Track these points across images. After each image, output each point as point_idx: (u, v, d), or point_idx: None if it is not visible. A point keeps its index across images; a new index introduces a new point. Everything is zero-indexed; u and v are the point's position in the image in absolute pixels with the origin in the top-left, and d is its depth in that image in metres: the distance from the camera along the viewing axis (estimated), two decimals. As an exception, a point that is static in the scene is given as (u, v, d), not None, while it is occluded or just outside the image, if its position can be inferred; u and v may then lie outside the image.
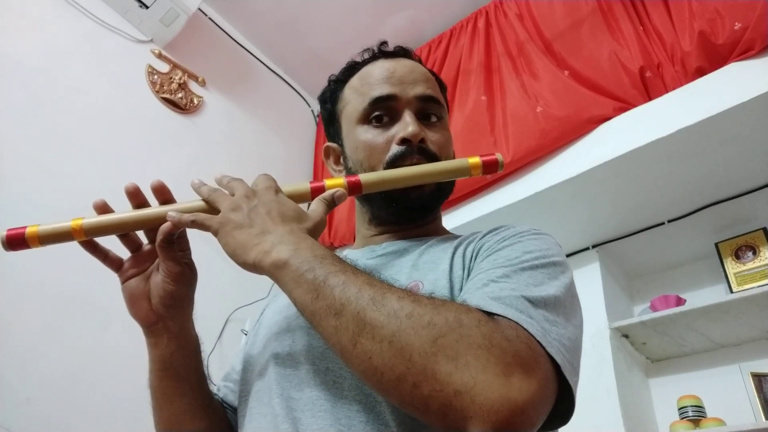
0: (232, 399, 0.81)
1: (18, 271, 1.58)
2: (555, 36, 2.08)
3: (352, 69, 0.88)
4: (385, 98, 0.80)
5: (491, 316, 0.51)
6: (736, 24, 1.62)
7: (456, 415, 0.45)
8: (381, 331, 0.48)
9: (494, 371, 0.46)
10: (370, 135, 0.79)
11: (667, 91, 1.77)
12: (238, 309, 2.12)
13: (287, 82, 2.80)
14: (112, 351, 1.67)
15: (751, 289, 1.73)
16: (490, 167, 0.76)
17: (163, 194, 0.68)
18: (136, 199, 0.67)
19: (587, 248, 2.13)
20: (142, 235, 0.69)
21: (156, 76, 2.24)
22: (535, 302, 0.54)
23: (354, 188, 0.71)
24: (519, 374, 0.46)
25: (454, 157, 0.84)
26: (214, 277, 1.99)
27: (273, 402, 0.64)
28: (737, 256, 1.89)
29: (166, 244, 0.65)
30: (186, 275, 0.68)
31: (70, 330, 1.66)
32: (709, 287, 2.02)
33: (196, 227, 0.63)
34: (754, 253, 1.86)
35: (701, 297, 1.95)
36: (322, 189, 0.69)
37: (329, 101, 0.89)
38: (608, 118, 1.85)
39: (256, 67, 2.69)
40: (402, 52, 0.87)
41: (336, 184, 0.69)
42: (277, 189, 0.65)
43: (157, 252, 0.66)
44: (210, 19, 2.51)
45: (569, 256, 2.13)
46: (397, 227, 0.82)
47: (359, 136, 0.80)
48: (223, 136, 2.43)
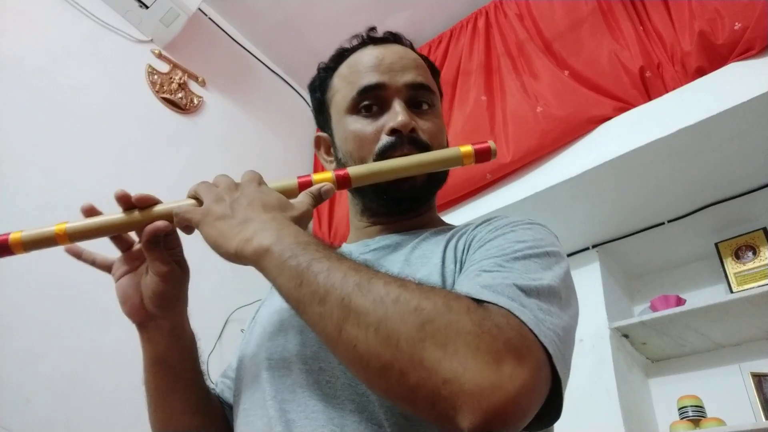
0: (229, 396, 0.81)
1: (18, 272, 1.58)
2: (555, 36, 2.08)
3: (340, 56, 0.85)
4: (374, 87, 0.77)
5: (481, 303, 0.50)
6: (736, 24, 1.62)
7: (445, 404, 0.43)
8: (366, 317, 0.47)
9: (484, 358, 0.44)
10: (359, 125, 0.77)
11: (667, 91, 1.77)
12: (238, 309, 2.12)
13: (287, 82, 2.80)
14: (112, 351, 1.67)
15: (751, 289, 1.73)
16: (482, 155, 0.73)
17: (145, 201, 0.64)
18: (126, 204, 0.65)
19: (587, 248, 2.13)
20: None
21: (156, 76, 2.24)
22: (527, 291, 0.52)
23: (342, 182, 0.69)
24: (510, 361, 0.44)
25: (447, 145, 0.81)
26: (214, 277, 2.00)
27: (267, 404, 0.63)
28: (737, 256, 1.89)
29: (152, 245, 0.63)
30: (176, 274, 0.66)
31: (70, 330, 1.66)
32: (709, 287, 2.02)
33: (178, 222, 0.62)
34: (754, 253, 1.86)
35: (701, 297, 1.95)
36: (309, 183, 0.67)
37: (318, 90, 0.87)
38: (608, 118, 1.85)
39: (256, 67, 2.69)
40: (392, 38, 0.85)
41: (324, 178, 0.68)
42: (261, 182, 0.64)
43: None
44: (210, 19, 2.51)
45: (569, 256, 2.13)
46: (389, 219, 0.80)
47: (348, 127, 0.78)
48: (223, 136, 2.43)
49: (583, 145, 1.87)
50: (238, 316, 2.12)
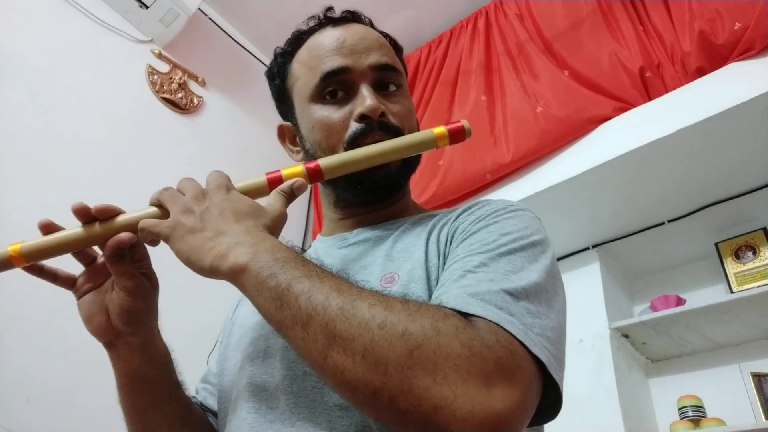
0: (212, 402, 0.78)
1: (18, 271, 1.58)
2: (555, 36, 2.08)
3: (298, 39, 0.80)
4: (337, 71, 0.73)
5: (469, 318, 0.48)
6: (736, 24, 1.62)
7: (437, 430, 0.43)
8: (352, 344, 0.45)
9: (475, 383, 0.43)
10: (326, 113, 0.73)
11: (667, 91, 1.77)
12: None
13: (287, 82, 2.80)
14: (112, 351, 1.67)
15: (751, 289, 1.73)
16: (456, 136, 0.69)
17: (106, 212, 0.61)
18: (85, 216, 0.61)
19: (587, 248, 2.13)
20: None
21: (156, 76, 2.24)
22: (515, 294, 0.51)
23: (314, 175, 0.65)
24: (501, 383, 0.44)
25: (418, 126, 0.78)
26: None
27: (249, 416, 0.61)
28: (737, 256, 1.89)
29: (116, 259, 0.60)
30: (143, 288, 0.63)
31: (70, 330, 1.65)
32: (709, 287, 2.02)
33: (144, 237, 0.59)
34: (754, 253, 1.86)
35: (701, 297, 1.95)
36: (279, 180, 0.64)
37: (277, 77, 0.82)
38: (608, 118, 1.85)
39: (256, 67, 2.69)
40: (350, 17, 0.80)
41: (294, 173, 0.64)
42: (229, 186, 0.61)
43: None
44: (210, 19, 2.51)
45: (569, 256, 2.13)
46: (365, 209, 0.77)
47: (314, 115, 0.74)
48: (223, 136, 2.43)
49: (583, 145, 1.87)
50: (238, 316, 2.12)
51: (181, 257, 0.55)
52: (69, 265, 0.67)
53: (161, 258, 0.69)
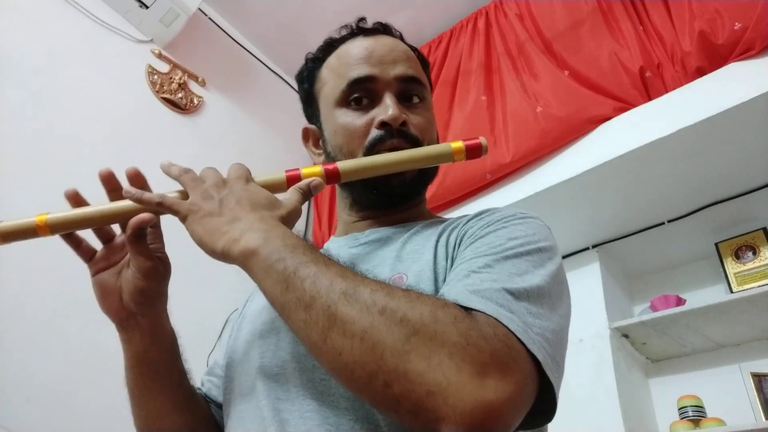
0: (216, 394, 0.80)
1: (18, 271, 1.58)
2: (555, 36, 2.08)
3: (329, 47, 0.84)
4: (364, 80, 0.75)
5: (469, 311, 0.49)
6: (736, 24, 1.62)
7: (428, 416, 0.43)
8: (352, 326, 0.46)
9: (469, 371, 0.44)
10: (349, 118, 0.75)
11: (667, 91, 1.77)
12: (237, 309, 2.12)
13: (287, 82, 2.80)
14: (112, 351, 1.66)
15: (751, 289, 1.73)
16: (473, 152, 0.72)
17: (139, 183, 0.64)
18: (110, 184, 0.65)
19: (587, 248, 2.12)
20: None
21: (156, 76, 2.24)
22: (517, 294, 0.52)
23: (332, 176, 0.68)
24: (495, 375, 0.44)
25: (438, 139, 0.80)
26: (213, 277, 2.00)
27: (260, 404, 0.62)
28: (737, 256, 1.89)
29: (136, 239, 0.62)
30: (158, 271, 0.65)
31: (70, 330, 1.66)
32: (709, 287, 2.02)
33: (163, 210, 0.61)
34: (754, 253, 1.86)
35: (701, 297, 1.95)
36: (298, 177, 0.66)
37: (306, 81, 0.85)
38: (608, 118, 1.85)
39: (256, 67, 2.69)
40: (381, 29, 0.83)
41: (313, 172, 0.67)
42: (249, 178, 0.63)
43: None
44: (210, 19, 2.51)
45: (569, 256, 2.13)
46: (379, 212, 0.79)
47: (338, 120, 0.76)
48: (223, 136, 2.43)
49: (583, 145, 1.87)
50: (238, 316, 2.12)
51: (195, 238, 0.58)
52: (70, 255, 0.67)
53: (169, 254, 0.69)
